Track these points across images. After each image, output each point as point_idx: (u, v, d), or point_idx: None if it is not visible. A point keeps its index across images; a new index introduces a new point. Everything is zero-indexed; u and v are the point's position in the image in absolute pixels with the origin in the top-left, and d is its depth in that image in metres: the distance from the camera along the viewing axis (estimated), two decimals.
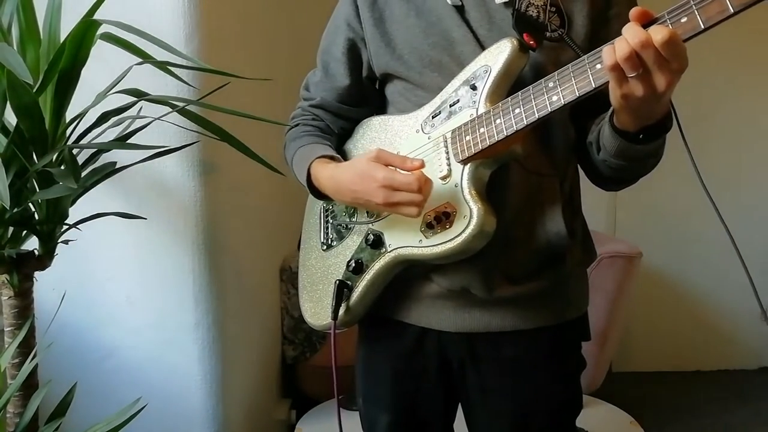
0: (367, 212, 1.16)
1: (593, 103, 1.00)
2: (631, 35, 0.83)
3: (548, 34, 1.06)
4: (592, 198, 1.20)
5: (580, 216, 1.19)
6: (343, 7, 1.21)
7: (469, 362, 1.17)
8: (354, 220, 1.19)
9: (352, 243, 1.18)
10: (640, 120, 0.94)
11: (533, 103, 0.96)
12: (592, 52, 0.91)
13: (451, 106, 1.07)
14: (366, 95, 1.24)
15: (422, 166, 1.03)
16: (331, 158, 1.16)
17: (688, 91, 0.90)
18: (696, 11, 0.81)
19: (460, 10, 1.09)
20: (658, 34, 0.81)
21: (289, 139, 1.28)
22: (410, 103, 1.15)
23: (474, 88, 1.04)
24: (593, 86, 0.91)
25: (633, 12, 0.85)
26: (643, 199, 3.03)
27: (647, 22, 0.85)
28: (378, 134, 1.20)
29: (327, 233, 1.24)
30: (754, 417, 2.85)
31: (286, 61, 2.39)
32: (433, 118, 1.10)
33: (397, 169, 1.04)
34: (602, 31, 1.07)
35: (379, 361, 1.25)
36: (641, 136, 0.96)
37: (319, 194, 1.18)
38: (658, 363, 3.25)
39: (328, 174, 1.13)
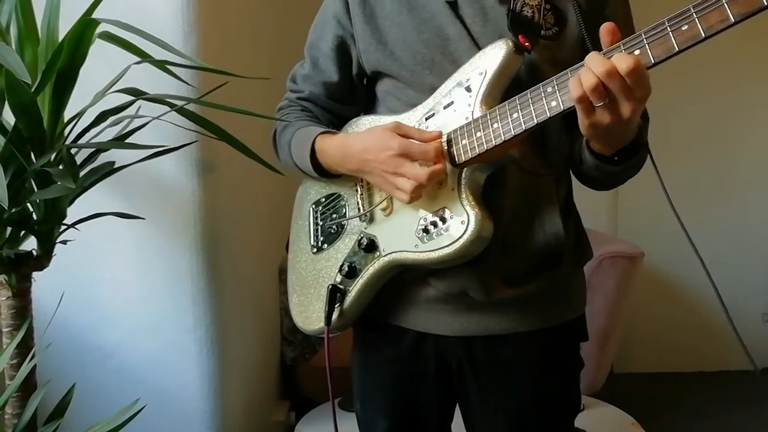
0: (359, 210, 1.14)
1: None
2: (595, 64, 0.84)
3: (543, 32, 1.05)
4: (593, 198, 1.19)
5: (574, 215, 1.18)
6: (332, 2, 1.18)
7: (467, 364, 1.16)
8: (347, 217, 1.17)
9: (344, 246, 1.16)
10: (611, 145, 0.97)
11: (531, 108, 0.95)
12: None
13: (445, 107, 1.06)
14: (355, 92, 1.22)
15: (440, 137, 1.02)
16: (334, 134, 1.15)
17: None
18: (671, 33, 0.82)
19: (453, 6, 1.08)
20: (623, 62, 0.83)
21: (280, 128, 1.25)
22: (401, 103, 1.13)
23: (468, 90, 1.03)
24: None
25: (603, 28, 0.87)
26: (645, 199, 3.00)
27: (613, 45, 0.86)
28: None
29: (317, 235, 1.22)
30: (755, 418, 2.84)
31: (285, 60, 2.37)
32: (426, 119, 1.07)
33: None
34: (598, 28, 1.06)
35: (377, 366, 1.24)
36: (616, 158, 0.99)
37: (321, 170, 1.16)
38: (660, 364, 3.25)
39: (337, 143, 1.12)
